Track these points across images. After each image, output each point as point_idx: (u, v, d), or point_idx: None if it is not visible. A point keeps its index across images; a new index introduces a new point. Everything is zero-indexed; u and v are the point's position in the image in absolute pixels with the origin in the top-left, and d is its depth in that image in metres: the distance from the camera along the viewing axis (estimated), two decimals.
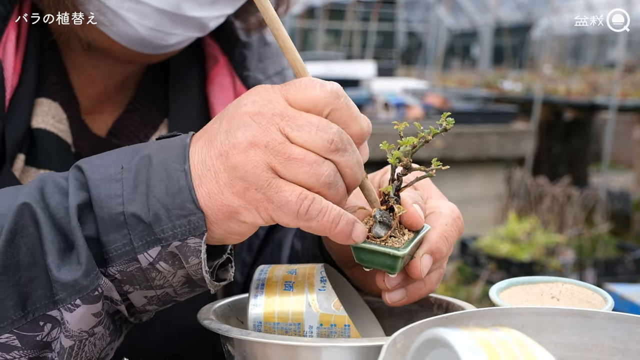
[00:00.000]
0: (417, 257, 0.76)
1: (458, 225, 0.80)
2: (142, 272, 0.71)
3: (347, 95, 0.71)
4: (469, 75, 12.73)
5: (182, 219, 0.69)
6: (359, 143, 0.73)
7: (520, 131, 6.30)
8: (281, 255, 1.08)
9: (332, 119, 0.70)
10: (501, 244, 5.39)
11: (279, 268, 0.80)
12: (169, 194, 0.69)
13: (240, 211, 0.69)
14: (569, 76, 10.44)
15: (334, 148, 0.68)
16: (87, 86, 1.02)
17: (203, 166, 0.69)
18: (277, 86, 0.71)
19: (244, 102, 0.70)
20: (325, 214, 0.69)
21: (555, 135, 8.63)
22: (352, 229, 0.71)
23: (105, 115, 1.05)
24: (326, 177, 0.68)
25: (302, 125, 0.68)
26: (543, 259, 5.22)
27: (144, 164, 0.71)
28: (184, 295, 0.77)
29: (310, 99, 0.69)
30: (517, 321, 0.64)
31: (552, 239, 5.42)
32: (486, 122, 6.11)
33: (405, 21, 16.79)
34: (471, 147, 5.88)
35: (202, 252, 0.70)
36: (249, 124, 0.68)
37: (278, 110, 0.69)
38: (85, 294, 0.69)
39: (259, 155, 0.67)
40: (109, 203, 0.69)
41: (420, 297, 0.80)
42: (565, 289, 0.82)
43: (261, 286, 0.77)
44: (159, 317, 0.98)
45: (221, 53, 1.11)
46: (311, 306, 0.75)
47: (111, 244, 0.70)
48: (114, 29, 0.91)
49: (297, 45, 2.66)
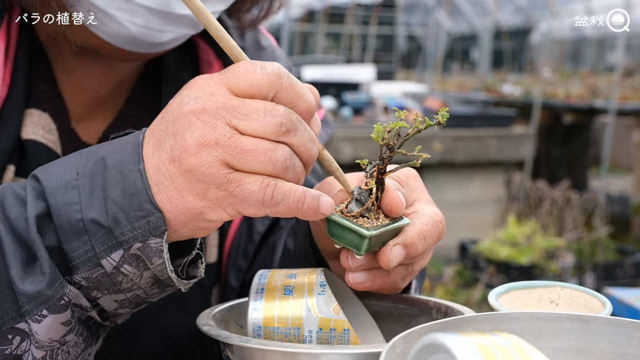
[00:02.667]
0: (389, 245, 0.75)
1: (438, 229, 0.79)
2: (108, 276, 0.71)
3: (289, 74, 0.70)
4: (468, 78, 12.74)
5: (141, 220, 0.69)
6: (309, 118, 0.71)
7: (519, 135, 6.30)
8: (274, 256, 1.07)
9: (278, 100, 0.69)
10: (501, 248, 5.39)
11: (278, 273, 0.80)
12: (126, 196, 0.69)
13: (205, 211, 0.69)
14: (568, 80, 10.44)
15: (284, 130, 0.68)
16: (78, 92, 1.01)
17: (158, 172, 0.69)
18: (216, 75, 0.70)
19: (186, 100, 0.69)
20: (290, 196, 0.69)
21: (555, 138, 8.63)
22: (318, 203, 0.71)
23: (97, 122, 1.04)
24: (282, 162, 0.68)
25: (249, 114, 0.67)
26: (542, 262, 5.22)
27: (99, 167, 0.70)
28: (155, 296, 0.76)
29: (252, 84, 0.68)
30: (516, 326, 0.64)
31: (551, 242, 5.42)
32: (486, 126, 6.12)
33: (405, 25, 16.80)
34: (471, 151, 5.89)
35: (164, 251, 0.70)
36: (195, 124, 0.67)
37: (222, 103, 0.68)
38: (51, 304, 0.69)
39: (211, 154, 0.67)
40: (67, 211, 0.69)
41: (381, 287, 0.79)
42: (564, 293, 0.82)
43: (260, 291, 0.77)
44: (153, 323, 0.98)
45: (215, 58, 1.10)
46: (310, 310, 0.75)
47: (73, 252, 0.69)
48: (105, 29, 0.91)
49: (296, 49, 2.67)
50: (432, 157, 5.98)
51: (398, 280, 0.80)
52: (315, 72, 6.68)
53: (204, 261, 0.78)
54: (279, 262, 1.05)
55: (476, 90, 10.10)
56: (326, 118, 1.19)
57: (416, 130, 0.75)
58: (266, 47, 1.17)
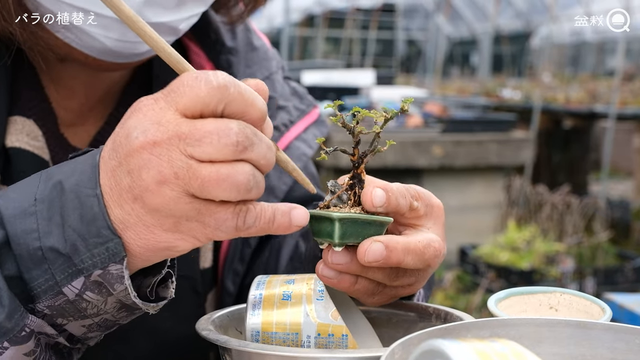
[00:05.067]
0: (371, 239, 0.74)
1: (429, 252, 0.77)
2: (71, 304, 0.70)
3: (236, 82, 0.66)
4: (468, 83, 12.76)
5: (99, 247, 0.67)
6: (262, 124, 0.68)
7: (519, 139, 6.30)
8: (279, 259, 1.07)
9: (229, 113, 0.66)
10: (501, 252, 5.39)
11: (276, 279, 0.80)
12: (84, 222, 0.67)
13: (177, 244, 0.68)
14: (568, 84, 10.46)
15: (241, 149, 0.65)
16: (67, 99, 1.00)
17: (122, 210, 0.67)
18: (161, 97, 0.66)
19: (135, 134, 0.65)
20: (261, 218, 0.68)
21: (555, 143, 8.64)
22: (289, 218, 0.69)
23: (88, 127, 1.03)
24: (245, 184, 0.65)
25: (202, 139, 0.64)
26: (543, 267, 5.22)
27: (56, 192, 0.69)
28: (124, 319, 0.75)
29: (199, 101, 0.64)
30: (516, 332, 0.64)
31: (551, 247, 5.41)
32: (485, 130, 6.11)
33: (405, 29, 16.82)
34: (470, 155, 5.88)
35: (125, 277, 0.68)
36: (149, 161, 0.64)
37: (172, 131, 0.64)
38: (12, 336, 0.68)
39: (174, 190, 0.64)
40: (25, 239, 0.68)
41: (347, 291, 0.78)
42: (564, 299, 0.82)
43: (259, 296, 0.77)
44: (147, 329, 0.97)
45: (207, 60, 1.09)
46: (309, 316, 0.75)
47: (34, 281, 0.68)
48: (82, 43, 0.89)
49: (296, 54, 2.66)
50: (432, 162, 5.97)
51: (361, 293, 0.78)
52: (315, 76, 6.68)
53: (174, 280, 0.76)
54: (286, 264, 1.05)
55: (476, 94, 10.11)
56: (321, 118, 1.18)
57: (384, 121, 0.75)
58: (259, 48, 1.15)
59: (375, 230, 0.75)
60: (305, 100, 1.17)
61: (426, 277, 0.82)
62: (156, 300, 0.75)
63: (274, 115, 1.10)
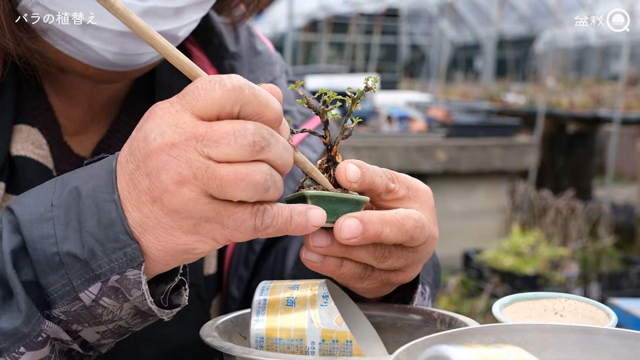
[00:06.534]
0: (343, 217, 0.73)
1: (408, 224, 0.75)
2: (87, 309, 0.70)
3: (250, 84, 0.67)
4: (472, 88, 12.76)
5: (117, 252, 0.67)
6: (278, 125, 0.69)
7: (523, 144, 6.31)
8: (285, 263, 1.07)
9: (245, 115, 0.66)
10: (505, 257, 5.38)
11: (280, 284, 0.80)
12: (101, 227, 0.67)
13: (197, 246, 0.68)
14: (572, 89, 10.46)
15: (258, 149, 0.65)
16: (70, 108, 1.00)
17: (140, 213, 0.67)
18: (176, 101, 0.67)
19: (152, 136, 0.66)
20: (279, 217, 0.68)
21: (559, 148, 8.63)
22: (307, 217, 0.69)
23: (91, 135, 1.03)
24: (263, 183, 0.66)
25: (219, 140, 0.64)
26: (547, 272, 5.21)
27: (73, 198, 0.69)
28: (138, 326, 0.75)
29: (215, 103, 0.65)
30: (521, 338, 0.64)
31: (556, 252, 5.41)
32: (489, 135, 6.12)
33: (409, 34, 16.84)
34: (474, 160, 5.89)
35: (142, 283, 0.69)
36: (167, 162, 0.65)
37: (190, 133, 0.65)
38: (29, 341, 0.68)
39: (193, 191, 0.65)
40: (42, 245, 0.68)
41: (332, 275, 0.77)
42: (569, 304, 0.82)
43: (263, 302, 0.77)
44: (152, 336, 0.97)
45: (210, 65, 1.09)
46: (313, 322, 0.74)
47: (50, 286, 0.69)
48: (83, 54, 0.89)
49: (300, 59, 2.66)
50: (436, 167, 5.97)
51: (348, 277, 0.78)
52: (319, 81, 6.69)
53: (187, 288, 0.76)
54: (292, 268, 1.05)
55: (480, 99, 10.11)
56: None
57: (352, 100, 0.77)
58: (262, 52, 1.15)
59: (350, 208, 0.75)
60: None
61: (418, 261, 0.80)
62: (169, 308, 0.75)
63: None
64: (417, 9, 15.76)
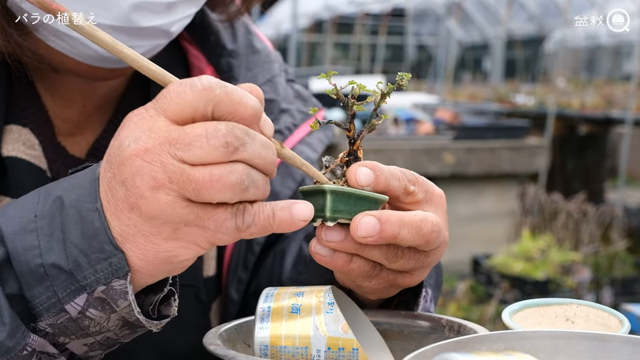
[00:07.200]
0: (361, 214, 0.74)
1: (426, 227, 0.75)
2: (74, 321, 0.70)
3: (222, 83, 0.67)
4: (480, 89, 12.75)
5: (102, 263, 0.68)
6: (256, 122, 0.68)
7: (533, 146, 6.30)
8: (283, 264, 1.07)
9: (219, 115, 0.66)
10: (515, 262, 5.37)
11: (285, 291, 0.80)
12: (85, 237, 0.68)
13: (179, 252, 0.68)
14: (583, 89, 10.44)
15: (232, 150, 0.65)
16: (64, 108, 1.00)
17: (120, 222, 0.68)
18: (150, 106, 0.67)
19: (126, 142, 0.66)
20: (260, 215, 0.68)
21: (570, 150, 8.62)
22: (290, 212, 0.69)
23: (86, 135, 1.03)
24: (239, 184, 0.66)
25: (191, 142, 0.65)
26: (558, 277, 5.20)
27: (56, 208, 0.69)
28: (127, 337, 0.75)
29: (187, 105, 0.65)
30: (531, 345, 0.64)
31: (567, 257, 5.40)
32: (498, 137, 6.11)
33: (415, 34, 16.84)
34: (483, 163, 5.88)
35: (129, 293, 0.69)
36: (142, 167, 0.65)
37: (163, 137, 0.65)
38: (13, 355, 0.68)
39: (169, 195, 0.65)
40: (26, 256, 0.68)
41: (340, 270, 0.78)
42: (580, 311, 0.82)
43: (267, 309, 0.77)
44: (150, 340, 0.97)
45: (207, 64, 1.09)
46: (319, 329, 0.74)
47: (36, 299, 0.69)
48: (75, 51, 0.90)
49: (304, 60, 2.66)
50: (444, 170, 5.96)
51: (356, 274, 0.78)
52: (323, 83, 6.69)
53: (177, 298, 0.76)
54: (290, 271, 1.05)
55: (488, 100, 10.10)
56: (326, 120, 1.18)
57: (381, 96, 0.77)
58: (260, 50, 1.15)
59: (368, 206, 0.75)
60: (310, 103, 1.17)
61: (427, 265, 0.81)
62: (159, 319, 0.75)
63: (276, 119, 1.10)
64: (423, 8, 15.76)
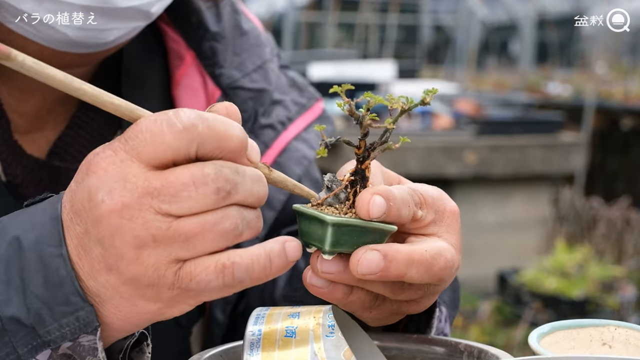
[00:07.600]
0: (365, 247, 0.74)
1: (438, 264, 0.76)
2: None
3: (203, 116, 0.66)
4: (507, 76, 12.73)
5: (68, 316, 0.68)
6: (243, 152, 0.69)
7: (568, 143, 6.29)
8: (276, 282, 1.08)
9: (203, 154, 0.66)
10: (547, 279, 5.37)
11: (278, 311, 0.80)
12: (49, 287, 0.68)
13: (164, 312, 0.70)
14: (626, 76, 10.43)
15: (224, 195, 0.66)
16: (21, 102, 1.01)
17: (96, 283, 0.68)
18: (120, 147, 0.66)
19: (99, 196, 0.66)
20: (254, 268, 0.69)
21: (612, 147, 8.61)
22: (285, 256, 0.70)
23: (47, 132, 1.03)
24: (234, 230, 0.67)
25: (177, 193, 0.65)
26: (598, 295, 5.20)
27: (13, 250, 0.69)
28: None
29: (167, 148, 0.65)
30: None
31: (608, 271, 5.39)
32: (528, 133, 6.10)
33: (431, 12, 16.82)
34: (510, 163, 5.87)
35: (99, 350, 0.69)
36: (121, 226, 0.65)
37: (142, 188, 0.65)
38: None
39: (153, 256, 0.66)
40: None
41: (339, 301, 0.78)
42: (619, 334, 0.82)
43: (258, 333, 0.78)
44: None
45: (187, 48, 1.10)
46: (317, 356, 0.75)
47: None
48: (41, 35, 0.90)
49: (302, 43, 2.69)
50: (464, 171, 5.95)
51: (356, 306, 0.79)
52: (324, 69, 6.69)
53: (150, 342, 0.77)
54: (284, 288, 1.05)
55: (516, 90, 10.09)
56: (325, 113, 1.18)
57: (400, 112, 0.76)
58: (249, 32, 1.16)
59: (373, 239, 0.76)
60: (306, 93, 1.17)
61: (437, 292, 0.82)
62: None
63: (268, 112, 1.10)
64: None
